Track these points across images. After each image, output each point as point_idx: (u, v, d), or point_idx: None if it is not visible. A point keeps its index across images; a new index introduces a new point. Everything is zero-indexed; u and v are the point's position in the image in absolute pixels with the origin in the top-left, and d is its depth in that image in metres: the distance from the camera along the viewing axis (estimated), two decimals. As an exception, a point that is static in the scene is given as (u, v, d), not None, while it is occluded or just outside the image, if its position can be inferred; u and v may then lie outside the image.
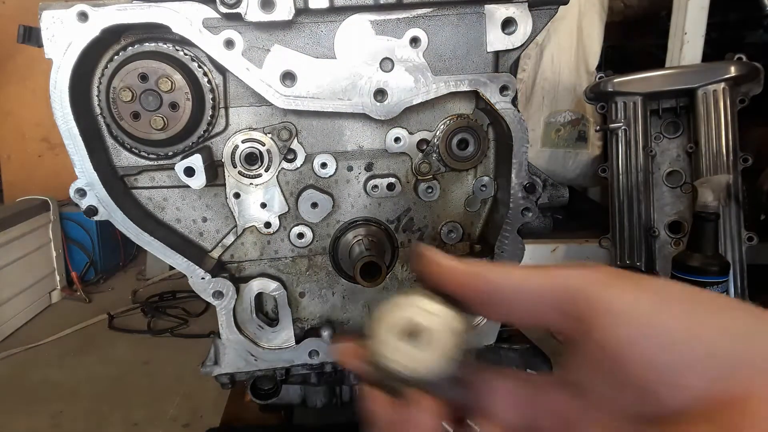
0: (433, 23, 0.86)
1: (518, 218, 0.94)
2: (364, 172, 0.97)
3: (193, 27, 0.81)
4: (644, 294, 0.34)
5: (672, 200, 1.64)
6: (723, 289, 1.45)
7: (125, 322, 2.60)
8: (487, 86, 0.87)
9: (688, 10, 1.72)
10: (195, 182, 0.86)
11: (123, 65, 0.83)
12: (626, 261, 1.63)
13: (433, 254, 0.42)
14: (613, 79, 1.61)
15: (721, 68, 1.57)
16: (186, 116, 0.85)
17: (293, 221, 0.97)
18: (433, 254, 0.42)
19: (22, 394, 2.01)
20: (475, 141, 0.95)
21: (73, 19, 0.79)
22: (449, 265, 0.41)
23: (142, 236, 0.89)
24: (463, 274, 0.40)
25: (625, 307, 0.34)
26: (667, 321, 0.33)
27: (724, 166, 1.56)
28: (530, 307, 0.38)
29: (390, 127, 0.94)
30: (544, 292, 0.37)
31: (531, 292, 0.38)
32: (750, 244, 1.57)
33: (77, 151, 0.84)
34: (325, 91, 0.86)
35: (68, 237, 2.93)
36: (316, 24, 0.85)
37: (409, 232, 1.00)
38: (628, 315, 0.34)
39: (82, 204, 0.87)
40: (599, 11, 2.01)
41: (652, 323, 0.33)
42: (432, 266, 0.41)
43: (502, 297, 0.39)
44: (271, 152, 0.93)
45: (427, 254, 0.42)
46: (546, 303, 0.37)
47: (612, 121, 1.62)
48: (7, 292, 2.45)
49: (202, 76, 0.87)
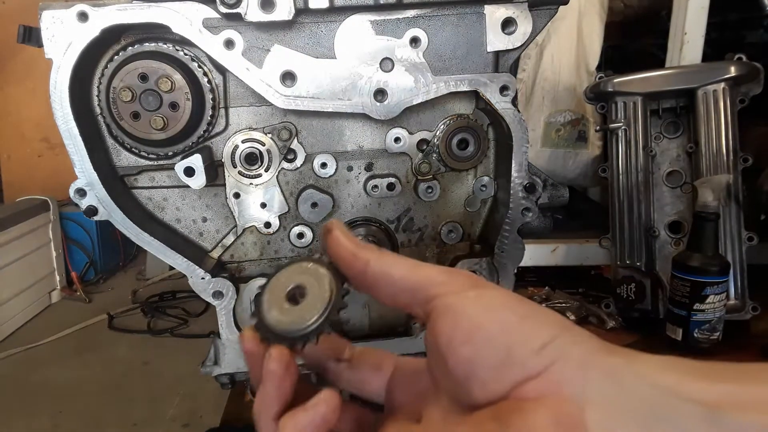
0: (433, 23, 0.86)
1: (518, 218, 0.94)
2: (364, 172, 0.97)
3: (193, 27, 0.81)
4: (475, 301, 0.39)
5: (672, 200, 1.64)
6: (723, 289, 1.45)
7: (125, 322, 2.60)
8: (487, 86, 0.87)
9: (688, 10, 1.72)
10: (195, 182, 0.86)
11: (123, 65, 0.83)
12: (626, 261, 1.63)
13: (336, 230, 0.46)
14: (613, 79, 1.61)
15: (721, 68, 1.57)
16: (186, 116, 0.85)
17: (293, 221, 0.97)
18: (336, 230, 0.46)
19: (22, 394, 2.01)
20: (475, 141, 0.95)
21: (73, 19, 0.79)
22: (342, 242, 0.46)
23: (142, 236, 0.89)
24: (347, 253, 0.45)
25: (457, 309, 0.39)
26: (480, 326, 0.37)
27: (724, 166, 1.56)
28: (393, 293, 0.44)
29: (390, 127, 0.94)
30: (405, 285, 0.43)
31: (396, 280, 0.43)
32: (750, 244, 1.57)
33: (77, 151, 0.84)
34: (325, 91, 0.86)
35: (68, 237, 2.92)
36: (316, 24, 0.85)
37: (409, 232, 1.00)
38: (456, 317, 0.38)
39: (81, 204, 0.87)
40: (599, 11, 2.01)
41: (470, 327, 0.38)
42: (331, 240, 0.46)
43: (372, 279, 0.44)
44: (271, 152, 0.93)
45: (331, 228, 0.46)
46: (406, 293, 0.43)
47: (612, 121, 1.62)
48: (7, 292, 2.45)
49: (202, 76, 0.88)
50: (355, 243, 0.45)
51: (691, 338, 1.47)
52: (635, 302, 1.64)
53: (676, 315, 1.49)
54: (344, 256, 0.45)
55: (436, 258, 1.02)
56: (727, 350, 1.50)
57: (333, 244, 0.46)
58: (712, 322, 1.46)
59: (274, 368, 0.42)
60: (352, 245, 0.45)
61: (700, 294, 1.44)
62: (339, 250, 0.45)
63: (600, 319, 1.68)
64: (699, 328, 1.46)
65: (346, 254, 0.45)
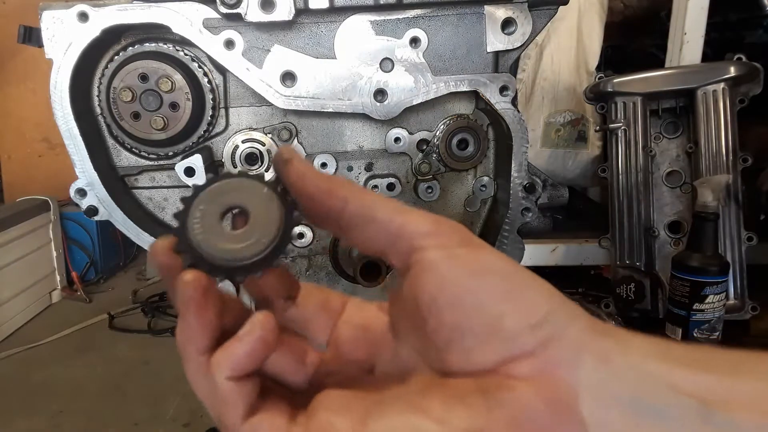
0: (433, 23, 0.86)
1: (518, 218, 0.94)
2: (364, 172, 0.97)
3: (194, 27, 0.81)
4: (466, 261, 0.35)
5: (672, 200, 1.64)
6: (722, 289, 1.45)
7: (125, 322, 2.60)
8: (487, 86, 0.87)
9: (687, 11, 1.72)
10: (195, 182, 0.86)
11: (123, 65, 0.83)
12: (626, 261, 1.63)
13: (296, 160, 0.39)
14: (613, 80, 1.61)
15: (721, 68, 1.57)
16: (186, 116, 0.86)
17: (293, 221, 0.97)
18: (296, 160, 0.39)
19: (23, 393, 2.01)
20: (475, 141, 0.95)
21: (74, 20, 0.79)
22: (309, 176, 0.39)
23: (143, 236, 0.89)
24: (319, 189, 0.38)
25: (444, 268, 0.34)
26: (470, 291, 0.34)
27: (723, 166, 1.56)
28: (370, 237, 0.38)
29: (390, 127, 0.94)
30: (387, 229, 0.37)
31: (376, 224, 0.37)
32: (750, 244, 1.57)
33: (78, 151, 0.84)
34: (325, 91, 0.86)
35: (68, 237, 2.92)
36: (316, 24, 0.85)
37: (409, 232, 1.00)
38: (442, 276, 0.34)
39: (82, 204, 0.87)
40: (599, 11, 2.01)
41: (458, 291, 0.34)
42: (292, 173, 0.39)
43: (349, 220, 0.38)
44: (271, 152, 0.93)
45: (289, 158, 0.39)
46: (385, 239, 0.37)
47: (612, 121, 1.62)
48: (7, 292, 2.45)
49: (203, 76, 0.88)
50: (326, 177, 0.39)
51: (691, 338, 1.47)
52: (635, 302, 1.64)
53: (676, 315, 1.49)
54: (313, 193, 0.38)
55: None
56: (726, 350, 1.50)
57: (297, 178, 0.39)
58: (712, 322, 1.46)
59: (191, 294, 0.35)
60: (323, 180, 0.38)
61: (699, 294, 1.44)
62: (306, 186, 0.38)
63: (600, 318, 1.67)
64: (698, 328, 1.46)
65: (317, 190, 0.38)
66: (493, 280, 0.34)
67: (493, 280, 0.34)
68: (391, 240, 0.37)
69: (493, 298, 0.34)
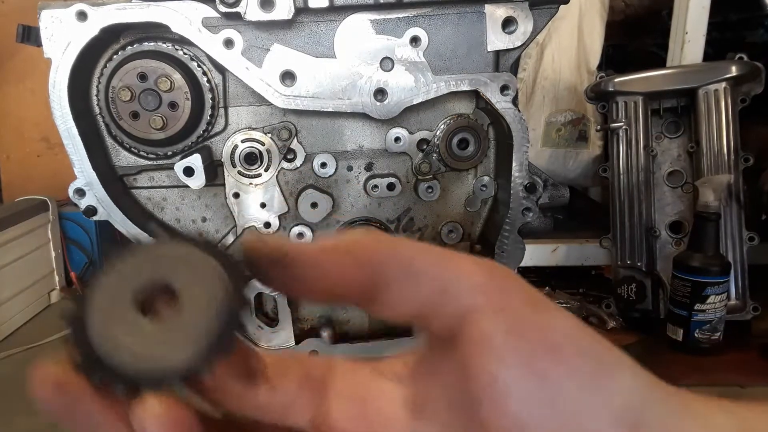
0: (434, 22, 0.86)
1: (518, 218, 0.93)
2: (364, 172, 0.96)
3: (193, 26, 0.81)
4: (532, 334, 0.27)
5: (673, 200, 1.64)
6: (724, 289, 1.45)
7: (125, 322, 2.59)
8: (488, 86, 0.87)
9: (689, 10, 1.72)
10: (194, 182, 0.86)
11: (122, 65, 0.83)
12: (627, 261, 1.62)
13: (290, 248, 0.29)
14: (614, 79, 1.61)
15: (722, 68, 1.57)
16: (185, 116, 0.85)
17: (293, 221, 0.97)
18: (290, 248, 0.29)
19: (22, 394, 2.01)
20: (476, 141, 0.95)
21: (72, 19, 0.79)
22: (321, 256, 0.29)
23: (142, 236, 0.89)
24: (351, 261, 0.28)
25: (507, 342, 0.27)
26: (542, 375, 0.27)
27: (725, 165, 1.56)
28: (408, 297, 0.29)
29: (390, 126, 0.94)
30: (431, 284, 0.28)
31: (417, 280, 0.29)
32: (751, 244, 1.56)
33: (76, 151, 0.84)
34: (324, 90, 0.86)
35: (67, 237, 2.92)
36: (316, 23, 0.85)
37: (409, 232, 1.00)
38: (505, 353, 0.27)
39: (81, 204, 0.87)
40: (600, 10, 2.00)
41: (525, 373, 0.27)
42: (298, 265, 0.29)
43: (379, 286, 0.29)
44: (270, 152, 0.92)
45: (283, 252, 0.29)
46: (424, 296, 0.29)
47: (613, 120, 1.61)
48: (6, 292, 2.44)
49: (202, 75, 0.87)
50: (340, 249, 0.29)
51: (692, 338, 1.47)
52: (636, 302, 1.63)
53: (677, 315, 1.49)
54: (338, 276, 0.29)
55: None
56: (727, 350, 1.50)
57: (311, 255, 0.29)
58: (713, 322, 1.45)
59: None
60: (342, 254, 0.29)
61: (700, 294, 1.44)
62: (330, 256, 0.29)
63: (600, 319, 1.67)
64: (700, 329, 1.46)
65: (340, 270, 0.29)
66: (573, 362, 0.27)
67: (573, 362, 0.27)
68: (434, 299, 0.28)
69: (573, 386, 0.27)
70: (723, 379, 1.41)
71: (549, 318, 0.28)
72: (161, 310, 0.27)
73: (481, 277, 0.28)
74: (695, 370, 1.44)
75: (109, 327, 0.26)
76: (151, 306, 0.27)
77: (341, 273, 0.29)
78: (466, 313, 0.28)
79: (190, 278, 0.27)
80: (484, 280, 0.28)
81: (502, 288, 0.29)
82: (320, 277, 0.29)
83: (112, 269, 0.27)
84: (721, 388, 1.37)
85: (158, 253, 0.27)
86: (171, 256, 0.27)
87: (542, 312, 0.28)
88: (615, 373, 0.28)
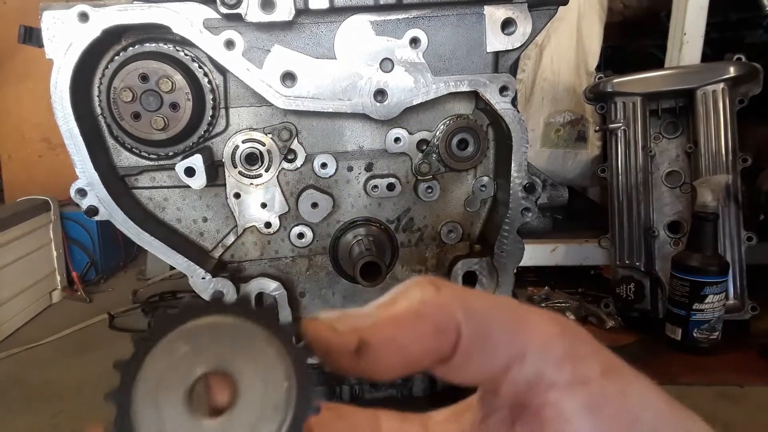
0: (433, 24, 0.86)
1: (518, 218, 0.94)
2: (364, 172, 0.97)
3: (194, 27, 0.81)
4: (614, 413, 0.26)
5: (671, 200, 1.64)
6: (722, 289, 1.46)
7: (126, 322, 2.60)
8: (487, 87, 0.87)
9: (687, 11, 1.72)
10: (195, 182, 0.86)
11: (124, 65, 0.84)
12: (625, 261, 1.63)
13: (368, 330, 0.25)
14: (613, 80, 1.62)
15: (721, 68, 1.58)
16: (186, 116, 0.86)
17: (293, 221, 0.98)
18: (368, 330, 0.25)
19: (22, 394, 2.01)
20: (475, 141, 0.95)
21: (74, 20, 0.79)
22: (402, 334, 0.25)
23: (143, 236, 0.89)
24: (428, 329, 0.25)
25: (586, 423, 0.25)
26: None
27: (723, 166, 1.57)
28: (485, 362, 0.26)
29: (390, 127, 0.94)
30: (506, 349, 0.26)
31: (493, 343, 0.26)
32: (749, 244, 1.57)
33: (78, 151, 0.84)
34: (325, 91, 0.86)
35: (69, 237, 2.92)
36: (317, 24, 0.86)
37: (409, 232, 1.01)
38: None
39: (82, 204, 0.87)
40: (598, 12, 2.01)
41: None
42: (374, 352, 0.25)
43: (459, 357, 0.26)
44: (271, 152, 0.93)
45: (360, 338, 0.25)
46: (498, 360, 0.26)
47: (611, 121, 1.62)
48: (7, 292, 2.45)
49: (203, 76, 0.88)
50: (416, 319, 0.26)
51: (691, 338, 1.47)
52: (634, 302, 1.64)
53: (676, 315, 1.50)
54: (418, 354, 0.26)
55: (436, 258, 1.02)
56: (726, 350, 1.50)
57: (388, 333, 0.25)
58: (711, 321, 1.46)
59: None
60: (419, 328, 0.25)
61: (699, 294, 1.44)
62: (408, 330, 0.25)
63: (599, 318, 1.68)
64: (698, 328, 1.47)
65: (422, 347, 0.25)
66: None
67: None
68: (507, 363, 0.26)
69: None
70: (721, 378, 1.41)
71: (629, 394, 0.26)
72: (214, 398, 0.24)
73: (557, 344, 0.26)
74: (694, 369, 1.45)
75: (157, 414, 0.23)
76: (202, 391, 0.24)
77: (422, 345, 0.25)
78: (542, 385, 0.26)
79: (250, 365, 0.23)
80: (559, 345, 0.26)
81: (577, 355, 0.26)
82: (400, 354, 0.25)
83: (166, 341, 0.24)
84: (720, 387, 1.38)
85: (218, 331, 0.24)
86: (232, 336, 0.24)
87: (620, 383, 0.26)
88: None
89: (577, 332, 0.27)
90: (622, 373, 0.27)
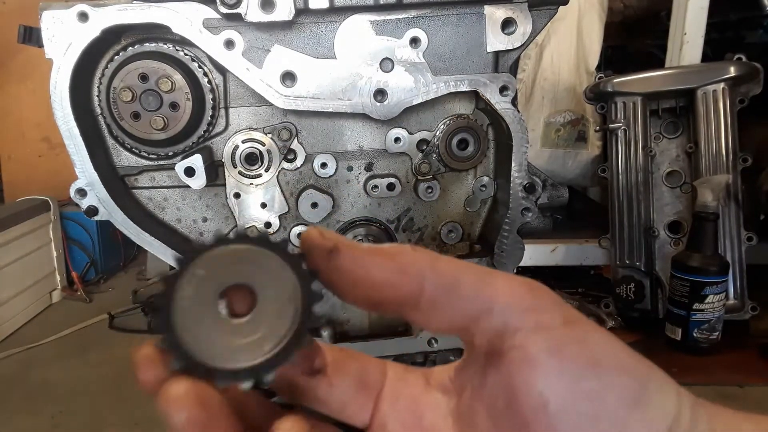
0: (433, 23, 0.86)
1: (518, 218, 0.94)
2: (364, 172, 0.97)
3: (194, 27, 0.81)
4: (576, 353, 0.28)
5: (671, 200, 1.64)
6: (722, 289, 1.46)
7: (126, 322, 2.60)
8: (487, 86, 0.87)
9: (687, 11, 1.72)
10: (195, 182, 0.86)
11: (123, 65, 0.83)
12: (626, 261, 1.63)
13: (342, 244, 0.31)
14: (613, 80, 1.62)
15: (721, 68, 1.58)
16: (186, 116, 0.86)
17: (293, 221, 0.97)
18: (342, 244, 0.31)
19: (22, 394, 2.01)
20: (475, 141, 0.95)
21: (74, 20, 0.79)
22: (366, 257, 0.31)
23: (143, 236, 0.89)
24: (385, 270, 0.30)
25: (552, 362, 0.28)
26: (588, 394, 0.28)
27: (723, 166, 1.57)
28: (451, 313, 0.31)
29: (390, 127, 0.94)
30: (473, 302, 0.30)
31: (460, 297, 0.30)
32: (749, 244, 1.57)
33: (78, 151, 0.84)
34: (325, 91, 0.86)
35: (69, 237, 2.92)
36: (316, 24, 0.85)
37: (409, 232, 1.00)
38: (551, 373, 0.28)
39: (82, 204, 0.87)
40: (599, 11, 2.01)
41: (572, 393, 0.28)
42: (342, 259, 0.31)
43: (426, 302, 0.30)
44: (271, 152, 0.93)
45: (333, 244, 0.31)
46: (467, 312, 0.30)
47: (612, 121, 1.62)
48: (7, 292, 2.45)
49: (203, 76, 0.88)
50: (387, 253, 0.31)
51: (691, 338, 1.47)
52: (635, 302, 1.64)
53: (676, 315, 1.50)
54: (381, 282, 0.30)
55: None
56: (726, 350, 1.50)
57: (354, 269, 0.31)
58: (712, 321, 1.46)
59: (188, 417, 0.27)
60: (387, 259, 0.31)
61: (699, 294, 1.44)
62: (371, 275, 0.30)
63: (600, 318, 1.68)
64: (698, 328, 1.47)
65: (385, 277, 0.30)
66: (617, 380, 0.28)
67: (617, 380, 0.28)
68: (475, 315, 0.30)
69: (618, 404, 0.28)
70: (721, 378, 1.41)
71: (589, 337, 0.29)
72: (236, 306, 0.29)
73: (522, 296, 0.30)
74: (694, 369, 1.45)
75: (197, 321, 0.28)
76: (230, 304, 0.29)
77: (385, 276, 0.30)
78: (510, 331, 0.29)
79: (266, 280, 0.29)
80: (523, 300, 0.30)
81: (543, 307, 0.30)
82: (366, 277, 0.31)
83: (195, 266, 0.29)
84: (720, 387, 1.38)
85: (236, 255, 0.29)
86: (241, 256, 0.29)
87: (580, 329, 0.30)
88: (655, 394, 0.29)
89: (543, 291, 0.31)
90: (583, 324, 0.30)
